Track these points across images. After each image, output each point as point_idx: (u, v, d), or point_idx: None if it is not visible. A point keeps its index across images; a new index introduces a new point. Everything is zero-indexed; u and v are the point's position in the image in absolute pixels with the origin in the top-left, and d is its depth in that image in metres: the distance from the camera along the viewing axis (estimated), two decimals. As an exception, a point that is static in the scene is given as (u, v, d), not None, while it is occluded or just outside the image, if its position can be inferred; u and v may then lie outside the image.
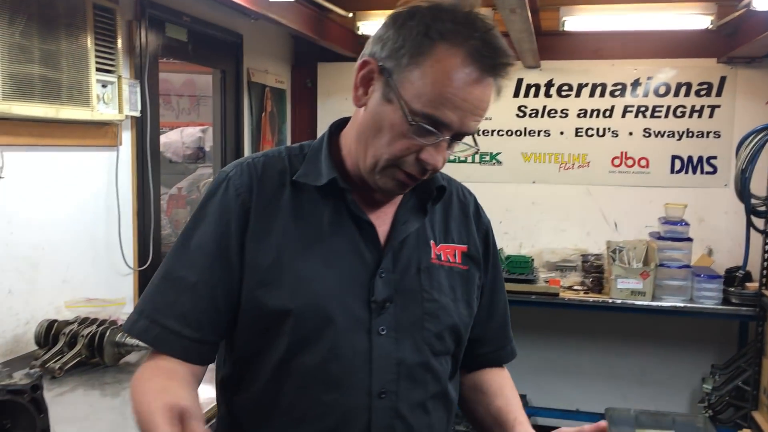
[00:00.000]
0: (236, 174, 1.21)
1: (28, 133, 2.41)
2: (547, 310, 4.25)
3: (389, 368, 1.17)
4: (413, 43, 1.09)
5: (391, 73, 1.11)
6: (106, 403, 2.06)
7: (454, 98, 1.08)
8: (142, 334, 1.17)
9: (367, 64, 1.15)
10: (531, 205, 4.52)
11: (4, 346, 2.35)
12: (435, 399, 1.24)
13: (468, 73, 1.08)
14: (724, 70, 4.13)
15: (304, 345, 1.15)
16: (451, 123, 1.09)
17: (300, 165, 1.23)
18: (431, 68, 1.08)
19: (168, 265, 1.20)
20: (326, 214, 1.20)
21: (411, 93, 1.09)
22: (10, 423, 1.42)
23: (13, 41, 2.25)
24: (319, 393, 1.15)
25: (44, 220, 2.52)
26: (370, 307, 1.17)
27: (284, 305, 1.14)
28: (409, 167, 1.14)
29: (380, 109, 1.13)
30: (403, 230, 1.23)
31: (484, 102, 1.11)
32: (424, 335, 1.21)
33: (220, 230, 1.18)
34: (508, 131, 4.48)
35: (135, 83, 2.93)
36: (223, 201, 1.19)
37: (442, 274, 1.26)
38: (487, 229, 1.39)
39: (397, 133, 1.11)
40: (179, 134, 6.17)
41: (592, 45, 4.30)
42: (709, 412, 3.91)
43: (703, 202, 4.23)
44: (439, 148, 1.12)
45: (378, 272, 1.19)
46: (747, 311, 3.56)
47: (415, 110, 1.09)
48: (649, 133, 4.29)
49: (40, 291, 2.51)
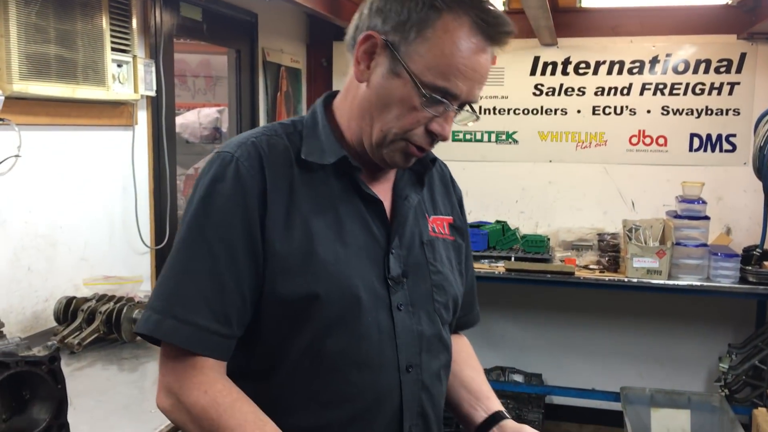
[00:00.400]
0: (244, 155, 1.14)
1: (45, 113, 2.43)
2: (563, 289, 4.24)
3: (413, 342, 1.19)
4: (419, 15, 1.09)
5: (398, 47, 1.10)
6: (123, 377, 2.10)
7: (464, 68, 1.09)
8: (172, 336, 1.09)
9: (369, 38, 1.13)
10: (547, 184, 4.50)
11: (24, 323, 2.39)
12: (446, 367, 1.29)
13: (475, 43, 1.09)
14: (744, 46, 4.07)
15: (332, 329, 1.13)
16: (461, 93, 1.11)
17: (298, 142, 1.19)
18: (440, 39, 1.08)
19: (186, 258, 1.12)
20: (336, 193, 1.18)
21: (421, 66, 1.09)
22: (29, 393, 1.45)
23: (29, 21, 2.27)
24: (350, 375, 1.14)
25: (62, 198, 2.56)
26: (388, 284, 1.18)
27: (311, 290, 1.11)
28: (418, 139, 1.14)
29: (387, 84, 1.12)
30: (406, 205, 1.24)
31: (487, 70, 1.14)
32: (435, 307, 1.24)
33: (240, 216, 1.11)
34: (525, 110, 4.46)
35: (150, 63, 2.95)
36: (236, 184, 1.11)
37: (440, 246, 1.29)
38: (460, 198, 1.42)
39: (407, 107, 1.11)
40: (196, 115, 6.19)
41: (610, 22, 4.25)
42: (726, 391, 3.90)
43: (722, 180, 4.19)
44: (447, 118, 1.14)
45: (390, 249, 1.20)
46: (764, 290, 3.53)
47: (426, 83, 1.09)
48: (667, 111, 4.24)
49: (59, 269, 2.55)
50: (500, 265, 3.86)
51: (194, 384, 1.08)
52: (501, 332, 4.55)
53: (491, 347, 4.57)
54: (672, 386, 4.15)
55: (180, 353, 1.10)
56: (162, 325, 1.09)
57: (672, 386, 4.15)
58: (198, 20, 3.43)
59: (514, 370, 4.56)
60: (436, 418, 1.25)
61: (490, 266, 3.87)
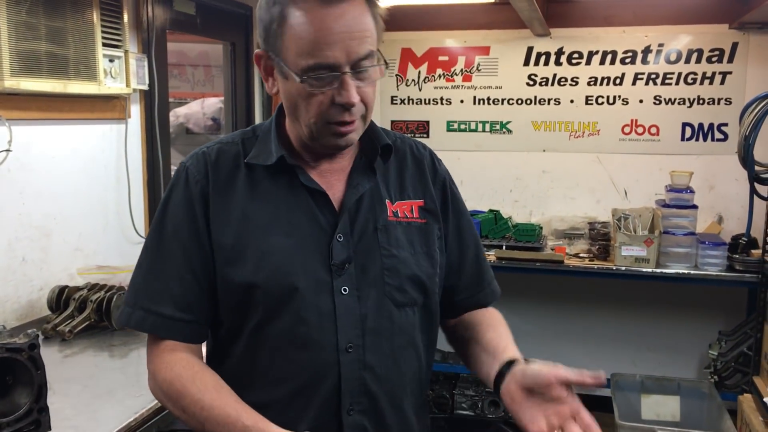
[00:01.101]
0: (192, 163, 1.30)
1: (37, 108, 2.51)
2: (553, 277, 4.30)
3: (353, 324, 1.25)
4: (272, 17, 1.18)
5: (274, 52, 1.21)
6: (111, 363, 2.19)
7: (322, 38, 1.14)
8: (140, 325, 1.26)
9: (258, 57, 1.26)
10: (541, 173, 4.54)
11: (19, 311, 2.48)
12: (403, 348, 1.32)
13: (320, 10, 1.14)
14: (736, 36, 4.09)
15: (273, 313, 1.24)
16: (336, 60, 1.16)
17: (252, 147, 1.31)
18: (292, 27, 1.16)
19: (150, 257, 1.29)
20: (282, 188, 1.28)
21: (292, 56, 1.17)
22: (12, 379, 1.53)
23: (19, 19, 2.34)
24: (291, 354, 1.24)
25: (56, 190, 2.64)
26: (331, 270, 1.25)
27: (250, 280, 1.23)
28: (335, 116, 1.20)
29: (285, 88, 1.23)
30: (354, 193, 1.30)
31: (355, 23, 1.16)
32: (386, 289, 1.29)
33: (188, 217, 1.26)
34: (518, 100, 4.49)
35: (142, 57, 3.01)
36: (185, 190, 1.28)
37: (399, 230, 1.33)
38: (444, 180, 1.44)
39: (305, 96, 1.19)
40: (200, 105, 6.26)
41: (602, 12, 4.27)
42: (715, 377, 3.95)
43: (714, 169, 4.22)
44: (345, 85, 1.17)
45: (335, 236, 1.27)
46: (751, 278, 3.57)
47: (302, 67, 1.16)
48: (659, 101, 4.27)
49: (53, 259, 2.64)
50: (491, 254, 3.91)
51: (163, 363, 1.24)
52: (495, 320, 4.59)
53: (486, 334, 4.62)
54: (664, 373, 4.20)
55: (153, 340, 1.28)
56: (132, 316, 1.27)
57: (664, 373, 4.20)
58: (191, 14, 3.49)
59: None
60: (390, 397, 1.29)
61: (481, 255, 3.92)
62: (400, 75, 4.61)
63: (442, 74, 4.59)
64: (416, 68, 4.60)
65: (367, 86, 1.21)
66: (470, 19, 4.47)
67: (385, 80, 4.57)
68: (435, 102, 4.63)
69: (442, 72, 4.59)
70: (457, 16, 4.47)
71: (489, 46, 4.49)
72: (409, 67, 4.60)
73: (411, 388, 1.35)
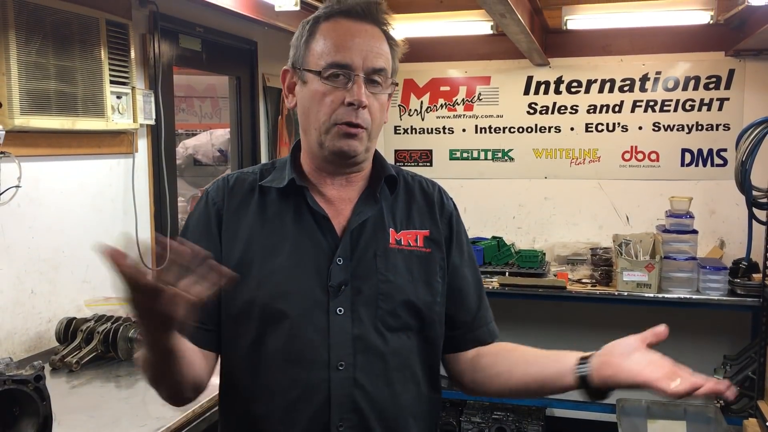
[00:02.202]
0: (213, 189, 1.44)
1: (47, 144, 2.59)
2: (556, 303, 4.32)
3: (346, 343, 1.31)
4: (304, 31, 1.37)
5: (299, 62, 1.37)
6: (117, 394, 2.23)
7: (343, 41, 1.32)
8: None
9: (284, 73, 1.42)
10: (543, 200, 4.60)
11: (28, 343, 2.54)
12: (398, 372, 1.36)
13: (346, 22, 1.34)
14: (732, 63, 4.16)
15: (270, 329, 1.32)
16: (351, 61, 1.31)
17: (267, 175, 1.43)
18: (321, 35, 1.34)
19: None
20: (290, 213, 1.38)
21: (313, 60, 1.34)
22: (19, 410, 1.58)
23: (29, 60, 2.42)
24: (285, 369, 1.32)
25: (64, 224, 2.70)
26: (328, 291, 1.33)
27: (251, 296, 1.32)
28: (343, 116, 1.31)
29: (303, 93, 1.36)
30: (356, 219, 1.38)
31: (374, 41, 1.34)
32: (378, 313, 1.34)
33: (204, 234, 1.38)
34: (519, 128, 4.56)
35: (149, 93, 3.10)
36: (204, 211, 1.41)
37: (399, 258, 1.39)
38: (451, 214, 1.51)
39: (319, 96, 1.32)
40: (209, 136, 6.37)
41: (600, 42, 4.35)
42: (721, 402, 3.95)
43: (714, 194, 4.26)
44: (356, 86, 1.31)
45: (335, 259, 1.34)
46: (752, 302, 3.59)
47: (320, 66, 1.32)
48: (658, 127, 4.33)
49: (62, 291, 2.70)
50: (494, 281, 3.95)
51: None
52: (500, 346, 4.61)
53: (491, 361, 4.64)
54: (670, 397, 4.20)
55: None
56: None
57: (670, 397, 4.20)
58: (197, 50, 3.58)
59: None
60: (379, 416, 1.33)
61: (485, 281, 3.96)
62: (402, 105, 4.69)
63: (444, 104, 4.67)
64: (418, 98, 4.69)
65: (376, 100, 1.35)
66: (471, 50, 4.56)
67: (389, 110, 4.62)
68: (437, 131, 4.71)
69: (444, 102, 4.67)
70: (458, 47, 4.56)
71: (489, 76, 4.57)
72: (412, 97, 4.69)
73: (413, 414, 1.38)
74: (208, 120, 6.01)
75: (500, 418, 4.40)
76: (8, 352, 2.44)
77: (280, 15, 3.49)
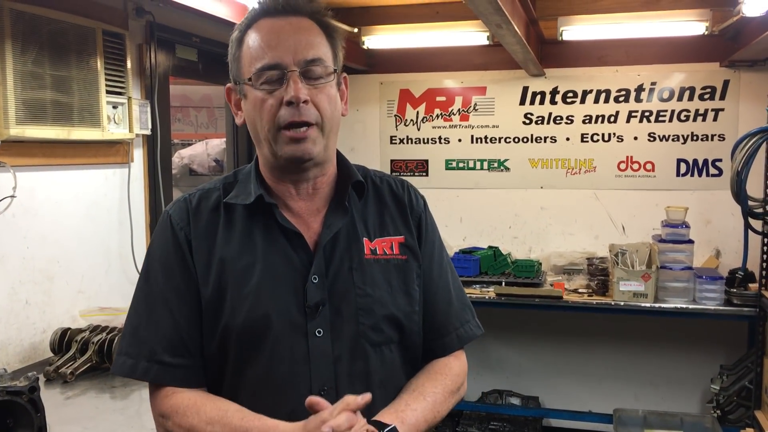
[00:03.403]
0: (175, 211, 1.35)
1: (41, 154, 2.58)
2: (552, 312, 4.32)
3: (326, 367, 1.28)
4: (233, 43, 1.33)
5: (236, 79, 1.33)
6: (111, 405, 2.21)
7: (269, 41, 1.27)
8: (145, 375, 1.29)
9: (228, 91, 1.37)
10: (539, 210, 4.60)
11: (22, 353, 2.52)
12: (382, 389, 1.32)
13: (266, 21, 1.30)
14: (727, 73, 4.17)
15: (249, 355, 1.28)
16: (280, 59, 1.26)
17: (231, 190, 1.36)
18: (247, 44, 1.30)
19: (145, 308, 1.32)
20: (258, 231, 1.32)
21: (246, 69, 1.29)
22: (13, 421, 1.56)
23: (25, 69, 2.42)
24: (267, 396, 1.27)
25: (59, 234, 2.69)
26: (305, 312, 1.28)
27: (227, 322, 1.27)
28: (285, 117, 1.26)
29: (246, 106, 1.32)
30: (327, 233, 1.32)
31: (301, 33, 1.28)
32: (359, 329, 1.30)
33: (177, 263, 1.31)
34: (515, 138, 4.57)
35: (145, 103, 3.10)
36: (172, 236, 1.32)
37: (376, 269, 1.35)
38: (421, 215, 1.44)
39: (259, 104, 1.28)
40: (204, 146, 6.36)
41: (595, 52, 4.37)
42: (718, 412, 3.94)
43: (710, 204, 4.27)
44: (290, 82, 1.26)
45: (310, 277, 1.29)
46: (749, 312, 3.59)
47: (253, 73, 1.28)
48: (654, 138, 4.34)
49: (56, 301, 2.68)
50: (491, 290, 3.94)
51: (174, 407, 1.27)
52: (497, 356, 4.62)
53: (488, 370, 4.64)
54: (667, 408, 4.20)
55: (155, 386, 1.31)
56: (137, 367, 1.29)
57: (667, 408, 4.20)
58: (194, 60, 3.59)
59: (512, 393, 4.63)
60: None
61: (481, 291, 3.96)
62: (398, 115, 4.69)
63: (440, 114, 4.68)
64: (414, 108, 4.69)
65: (320, 93, 1.28)
66: (467, 61, 4.57)
67: (385, 120, 4.66)
68: (433, 141, 4.71)
69: (440, 112, 4.67)
70: (454, 57, 4.57)
71: (485, 86, 4.58)
72: (408, 107, 4.69)
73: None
74: (204, 130, 6.01)
75: (497, 429, 4.38)
76: (2, 363, 2.42)
77: (277, 25, 3.49)
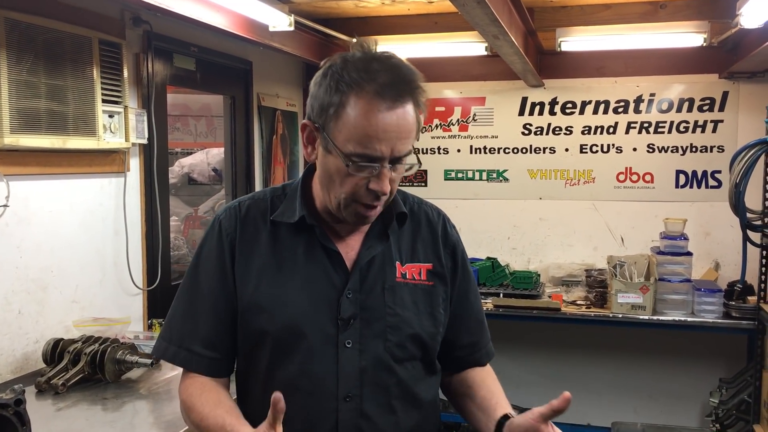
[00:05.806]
0: (225, 217, 1.47)
1: (36, 163, 2.57)
2: (551, 324, 4.30)
3: (353, 375, 1.38)
4: (332, 99, 1.29)
5: (325, 128, 1.31)
6: (103, 417, 2.19)
7: (375, 133, 1.27)
8: (173, 359, 1.46)
9: (305, 126, 1.38)
10: (538, 221, 4.59)
11: (14, 364, 2.50)
12: (401, 400, 1.43)
13: (378, 110, 1.27)
14: (726, 85, 4.17)
15: (282, 360, 1.38)
16: (381, 153, 1.28)
17: (280, 204, 1.46)
18: (350, 115, 1.28)
19: (185, 300, 1.47)
20: (301, 246, 1.42)
21: (342, 139, 1.29)
22: (-1, 435, 1.54)
23: (20, 78, 2.41)
24: (294, 399, 1.32)
25: (53, 244, 2.68)
26: (338, 324, 1.38)
27: (263, 327, 1.38)
28: (363, 198, 1.33)
29: (325, 161, 1.34)
30: (366, 254, 1.43)
31: (404, 126, 1.29)
32: (386, 345, 1.40)
33: (218, 266, 1.43)
34: (514, 149, 4.56)
35: (142, 112, 3.09)
36: (218, 242, 1.44)
37: (405, 291, 1.45)
38: (455, 246, 1.55)
39: (343, 176, 1.31)
40: (204, 155, 6.36)
41: (594, 63, 4.36)
42: (717, 426, 3.91)
43: (709, 215, 4.25)
44: (382, 176, 1.30)
45: (345, 293, 1.39)
46: (747, 325, 3.57)
47: (348, 153, 1.28)
48: (653, 149, 4.33)
49: (50, 311, 2.66)
50: (489, 302, 3.93)
51: (185, 388, 1.45)
52: (495, 368, 4.57)
53: (486, 383, 4.61)
54: (667, 421, 4.17)
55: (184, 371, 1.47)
56: (168, 351, 1.47)
57: (667, 421, 4.17)
58: (192, 69, 3.58)
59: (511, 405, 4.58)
60: None
61: (479, 303, 3.93)
62: (397, 125, 4.67)
63: (439, 124, 4.67)
64: (413, 119, 4.67)
65: (397, 177, 1.34)
66: (466, 71, 4.57)
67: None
68: (432, 151, 4.71)
69: (439, 122, 4.67)
70: (453, 68, 4.57)
71: (485, 97, 4.58)
72: (407, 117, 4.67)
73: None
74: (203, 139, 6.01)
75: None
76: (-6, 374, 2.41)
77: (275, 35, 3.49)
